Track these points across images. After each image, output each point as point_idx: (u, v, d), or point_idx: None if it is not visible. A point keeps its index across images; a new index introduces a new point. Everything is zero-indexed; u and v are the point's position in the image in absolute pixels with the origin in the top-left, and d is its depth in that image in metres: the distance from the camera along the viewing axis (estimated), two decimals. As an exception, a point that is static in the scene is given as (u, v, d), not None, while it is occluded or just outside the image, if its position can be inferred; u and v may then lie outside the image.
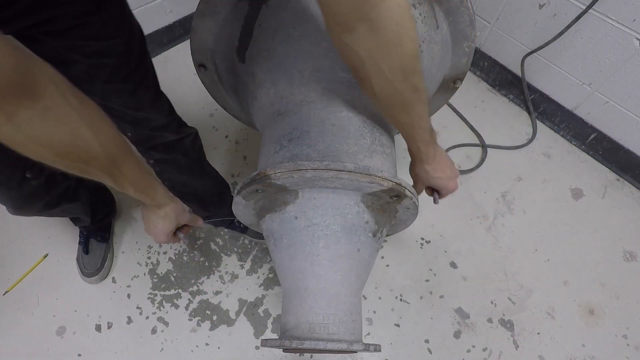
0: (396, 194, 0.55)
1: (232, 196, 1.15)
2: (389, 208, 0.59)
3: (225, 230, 1.22)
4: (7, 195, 0.73)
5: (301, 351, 0.53)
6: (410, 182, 0.70)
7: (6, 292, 1.09)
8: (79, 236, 1.14)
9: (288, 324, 0.53)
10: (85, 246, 1.11)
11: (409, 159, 0.67)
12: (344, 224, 0.54)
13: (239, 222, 1.18)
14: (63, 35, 0.55)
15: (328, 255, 0.53)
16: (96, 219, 1.07)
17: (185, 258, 1.17)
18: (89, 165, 0.44)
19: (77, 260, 1.13)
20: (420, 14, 0.71)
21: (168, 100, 0.79)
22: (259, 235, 1.18)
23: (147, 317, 1.07)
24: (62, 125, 0.39)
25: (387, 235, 0.68)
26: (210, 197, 1.08)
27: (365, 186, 0.52)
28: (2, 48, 0.32)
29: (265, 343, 0.53)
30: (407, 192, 0.55)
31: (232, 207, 0.64)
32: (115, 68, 0.62)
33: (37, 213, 0.83)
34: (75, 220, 1.08)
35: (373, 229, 0.57)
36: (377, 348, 0.52)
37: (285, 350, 0.53)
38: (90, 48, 0.58)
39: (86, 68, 0.60)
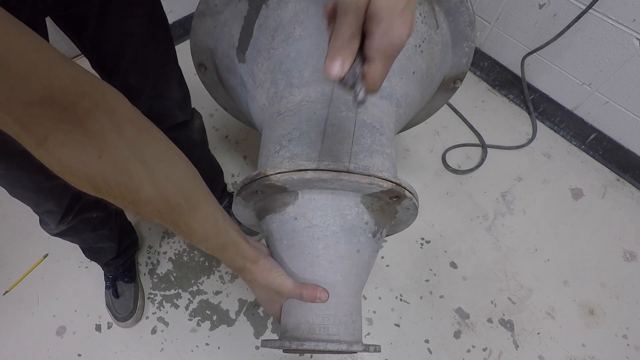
0: (396, 195, 0.54)
1: (224, 183, 1.17)
2: (388, 209, 0.59)
3: None
4: (51, 186, 0.66)
5: (301, 352, 0.53)
6: (411, 181, 0.69)
7: (6, 292, 1.09)
8: (105, 281, 1.08)
9: (288, 324, 0.53)
10: (114, 290, 1.05)
11: (409, 159, 0.66)
12: (343, 225, 0.54)
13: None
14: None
15: (328, 256, 0.53)
16: (122, 246, 1.01)
17: (185, 258, 1.17)
18: (138, 207, 0.36)
19: (107, 306, 1.06)
20: (420, 14, 0.71)
21: (184, 80, 0.82)
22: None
23: (147, 317, 1.07)
24: (106, 157, 0.31)
25: (387, 235, 0.68)
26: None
27: (365, 187, 0.52)
28: (43, 55, 0.26)
29: (266, 344, 0.52)
30: (407, 193, 0.55)
31: (232, 207, 0.64)
32: (141, 37, 0.65)
33: (72, 221, 0.77)
34: (99, 254, 0.99)
35: (373, 229, 0.56)
36: (376, 349, 0.52)
37: (285, 350, 0.53)
38: (120, 13, 0.61)
39: (118, 41, 0.64)
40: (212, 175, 1.11)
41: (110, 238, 0.95)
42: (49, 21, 0.56)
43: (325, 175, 0.50)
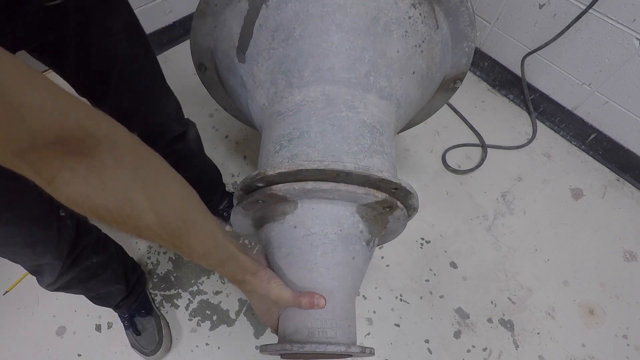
0: (389, 205, 0.57)
1: (224, 184, 1.17)
2: (381, 218, 0.61)
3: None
4: (46, 237, 0.62)
5: (301, 356, 0.53)
6: (411, 181, 0.70)
7: (6, 292, 1.09)
8: (122, 322, 1.01)
9: (287, 329, 0.54)
10: (133, 328, 0.99)
11: (409, 159, 0.67)
12: (340, 234, 0.56)
13: (222, 210, 1.19)
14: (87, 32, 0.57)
15: (325, 263, 0.55)
16: (130, 284, 0.95)
17: (185, 258, 1.16)
18: (140, 231, 0.38)
19: (133, 346, 0.99)
20: (420, 14, 0.71)
21: (171, 90, 0.81)
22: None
23: (147, 317, 1.07)
24: (108, 188, 0.34)
25: (377, 245, 0.68)
26: (200, 185, 1.09)
27: (361, 197, 0.55)
28: (56, 101, 0.28)
29: (265, 349, 0.53)
30: (399, 204, 0.58)
31: (231, 217, 0.65)
32: (124, 54, 0.64)
33: (71, 271, 0.71)
34: (108, 299, 0.93)
35: (367, 238, 0.59)
36: (371, 351, 0.54)
37: (283, 356, 0.54)
38: (105, 40, 0.60)
39: (101, 62, 0.63)
40: (211, 179, 1.10)
41: (116, 280, 0.89)
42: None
43: (325, 185, 0.52)
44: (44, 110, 0.27)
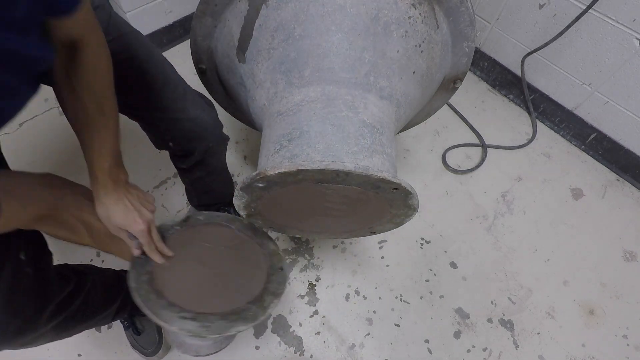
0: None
1: (233, 187, 1.17)
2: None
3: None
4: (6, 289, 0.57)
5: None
6: (411, 181, 0.71)
7: (6, 292, 1.09)
8: (121, 322, 0.99)
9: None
10: (134, 328, 0.98)
11: (409, 159, 0.67)
12: None
13: (225, 209, 1.19)
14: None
15: None
16: (116, 302, 0.84)
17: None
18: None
19: (133, 346, 0.98)
20: (420, 14, 0.71)
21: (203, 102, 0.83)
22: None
23: (147, 317, 1.07)
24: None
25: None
26: (218, 190, 1.09)
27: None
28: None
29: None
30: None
31: None
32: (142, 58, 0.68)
33: (46, 320, 0.66)
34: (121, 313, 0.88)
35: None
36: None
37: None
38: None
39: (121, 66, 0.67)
40: (228, 185, 1.12)
41: (100, 301, 0.80)
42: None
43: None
44: None
